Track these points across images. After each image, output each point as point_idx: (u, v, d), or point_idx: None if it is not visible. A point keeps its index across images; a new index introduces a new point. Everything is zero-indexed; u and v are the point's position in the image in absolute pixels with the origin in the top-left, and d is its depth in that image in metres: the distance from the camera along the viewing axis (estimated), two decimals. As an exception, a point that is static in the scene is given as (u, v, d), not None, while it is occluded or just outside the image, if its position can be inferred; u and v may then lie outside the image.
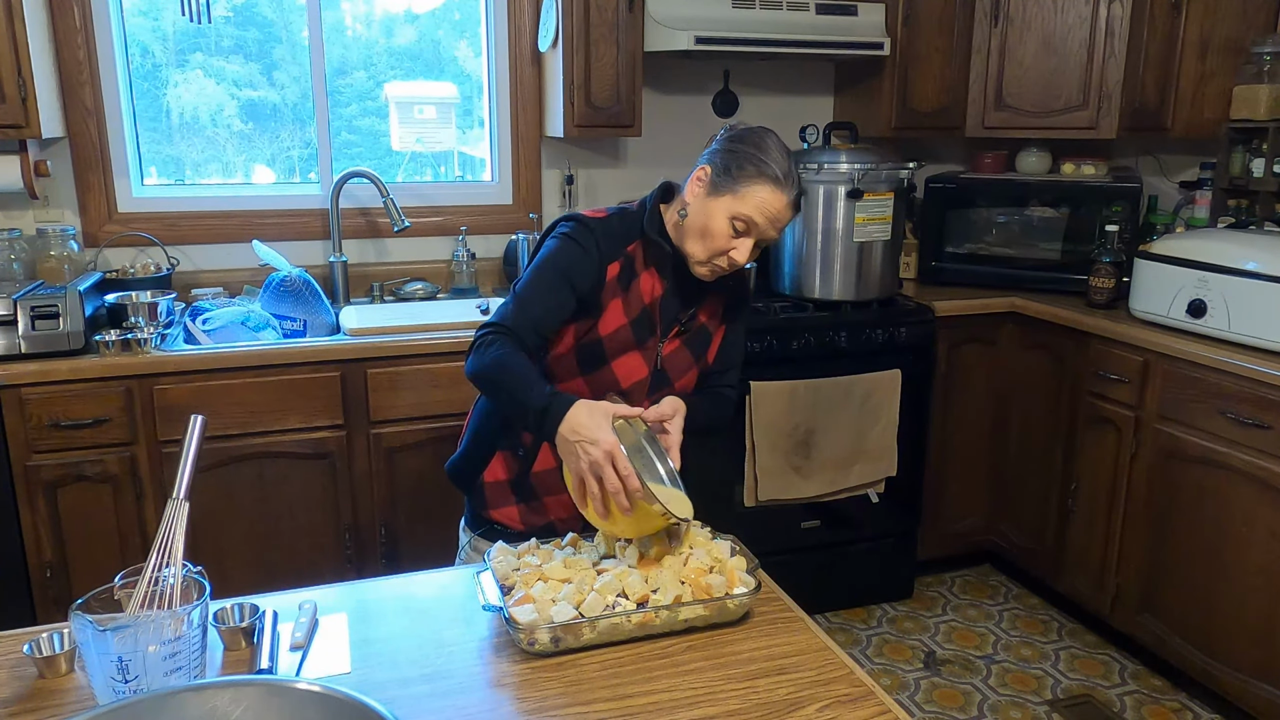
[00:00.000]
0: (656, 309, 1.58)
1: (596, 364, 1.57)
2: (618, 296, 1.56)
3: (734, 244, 1.50)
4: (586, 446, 1.31)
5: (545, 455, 1.63)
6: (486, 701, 1.12)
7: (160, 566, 1.10)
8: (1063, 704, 2.63)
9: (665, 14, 2.81)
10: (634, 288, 1.57)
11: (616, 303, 1.56)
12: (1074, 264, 3.14)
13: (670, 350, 1.62)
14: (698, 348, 1.65)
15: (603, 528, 1.37)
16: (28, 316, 2.26)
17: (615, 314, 1.56)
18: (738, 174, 1.48)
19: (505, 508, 1.67)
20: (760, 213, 1.48)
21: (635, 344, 1.58)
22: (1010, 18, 3.13)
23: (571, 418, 1.34)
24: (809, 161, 2.85)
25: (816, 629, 1.29)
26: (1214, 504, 2.48)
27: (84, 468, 2.31)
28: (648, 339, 1.59)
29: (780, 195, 1.48)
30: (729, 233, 1.49)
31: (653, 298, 1.58)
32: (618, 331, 1.56)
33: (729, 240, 1.50)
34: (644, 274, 1.58)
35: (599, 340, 1.56)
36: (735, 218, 1.48)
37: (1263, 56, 2.94)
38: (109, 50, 2.71)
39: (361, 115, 3.11)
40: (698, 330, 1.64)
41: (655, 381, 1.61)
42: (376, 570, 2.57)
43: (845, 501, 2.94)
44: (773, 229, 1.50)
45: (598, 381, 1.58)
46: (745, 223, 1.49)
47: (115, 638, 1.01)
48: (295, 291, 2.67)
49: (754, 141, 1.50)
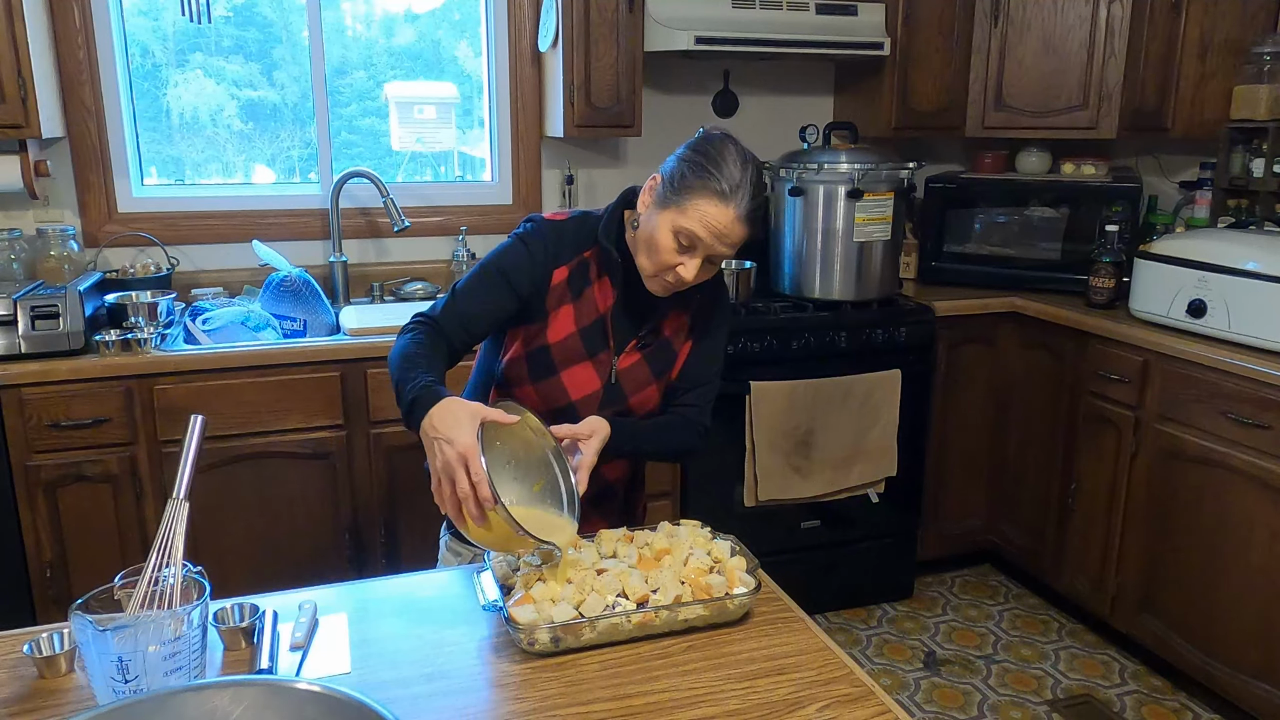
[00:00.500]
0: (609, 320, 1.52)
1: (545, 373, 1.52)
2: (567, 303, 1.51)
3: (679, 259, 1.41)
4: (442, 444, 1.23)
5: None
6: (486, 701, 1.12)
7: (160, 566, 1.10)
8: (1063, 704, 2.63)
9: (665, 14, 2.81)
10: (586, 295, 1.51)
11: (566, 309, 1.51)
12: (1074, 264, 3.14)
13: (628, 364, 1.55)
14: (659, 363, 1.57)
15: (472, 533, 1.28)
16: (28, 316, 2.26)
17: (565, 321, 1.51)
18: (681, 186, 1.40)
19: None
20: (704, 227, 1.38)
21: (586, 354, 1.52)
22: (1010, 18, 3.13)
23: (435, 412, 1.26)
24: (809, 161, 2.85)
25: (816, 629, 1.29)
26: (1214, 504, 2.48)
27: (84, 468, 2.31)
28: (599, 350, 1.52)
29: (726, 210, 1.38)
30: (673, 247, 1.41)
31: (605, 307, 1.52)
32: (566, 340, 1.51)
33: (674, 255, 1.41)
34: (596, 283, 1.52)
35: (546, 348, 1.51)
36: (679, 232, 1.40)
37: (1263, 56, 2.94)
38: (109, 50, 2.71)
39: (361, 115, 3.11)
40: (660, 344, 1.56)
41: (609, 396, 1.55)
42: (376, 570, 2.57)
43: (845, 501, 2.94)
44: (720, 244, 1.40)
45: (547, 391, 1.53)
46: (689, 237, 1.39)
47: (115, 638, 1.01)
48: (295, 291, 2.67)
49: (709, 151, 1.41)
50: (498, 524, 1.23)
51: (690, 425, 1.59)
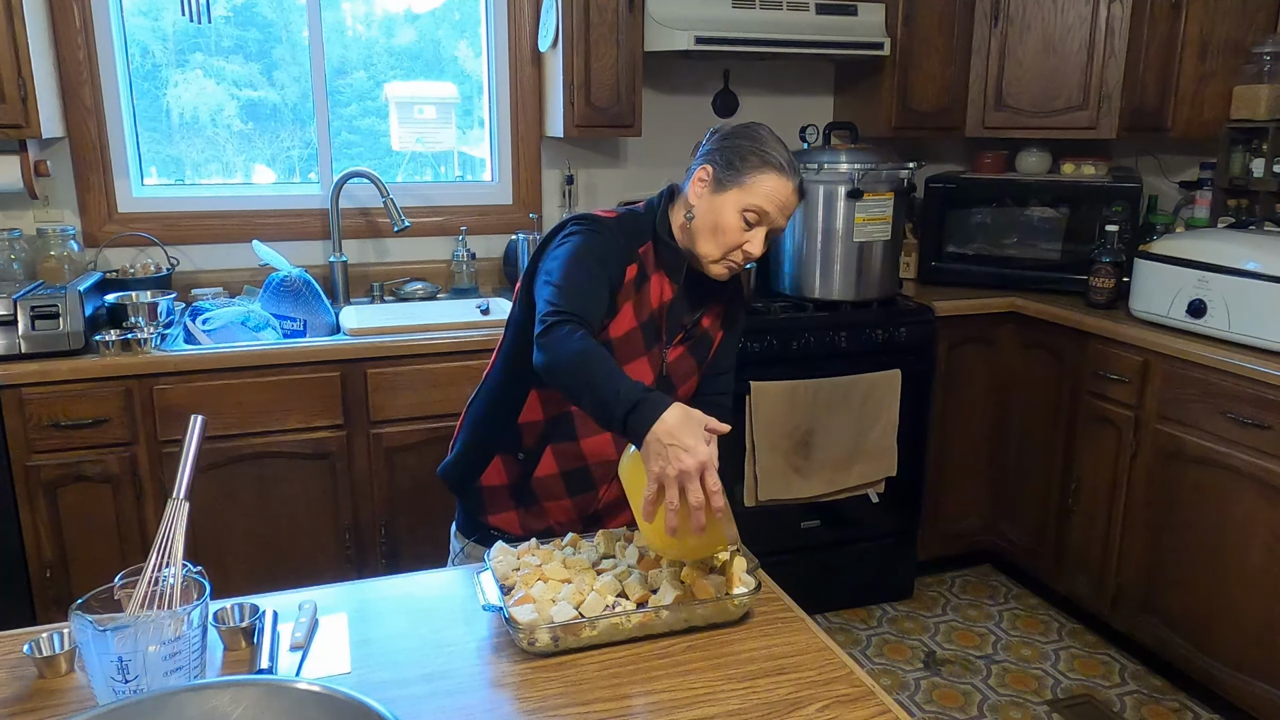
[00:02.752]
0: (664, 314, 1.57)
1: None
2: (630, 299, 1.54)
3: (747, 236, 1.50)
4: (680, 454, 1.21)
5: (548, 460, 1.61)
6: (486, 701, 1.12)
7: (160, 566, 1.10)
8: (1063, 704, 2.63)
9: (665, 14, 2.81)
10: (645, 291, 1.55)
11: (629, 305, 1.54)
12: (1074, 264, 3.14)
13: (675, 356, 1.60)
14: (700, 354, 1.63)
15: (655, 542, 1.27)
16: (28, 316, 2.26)
17: (627, 316, 1.54)
18: (742, 166, 1.49)
19: (503, 513, 1.66)
20: (770, 201, 1.49)
21: (643, 349, 1.56)
22: (1010, 18, 3.13)
23: (668, 419, 1.23)
24: (809, 161, 2.85)
25: (816, 629, 1.29)
26: (1214, 504, 2.48)
27: (84, 468, 2.31)
28: (654, 344, 1.57)
29: (786, 182, 1.49)
30: (741, 226, 1.49)
31: (661, 302, 1.56)
32: (628, 335, 1.54)
33: (741, 234, 1.50)
34: (654, 276, 1.56)
35: (609, 343, 1.53)
36: (746, 209, 1.49)
37: (1263, 56, 2.94)
38: (109, 50, 2.71)
39: (361, 115, 3.11)
40: (700, 336, 1.63)
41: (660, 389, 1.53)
42: (376, 570, 2.57)
43: (845, 501, 2.94)
44: (782, 216, 1.51)
45: None
46: (756, 213, 1.49)
47: (115, 638, 1.01)
48: (295, 291, 2.67)
49: (750, 135, 1.52)
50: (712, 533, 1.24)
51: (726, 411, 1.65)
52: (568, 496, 1.62)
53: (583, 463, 1.60)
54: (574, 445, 1.59)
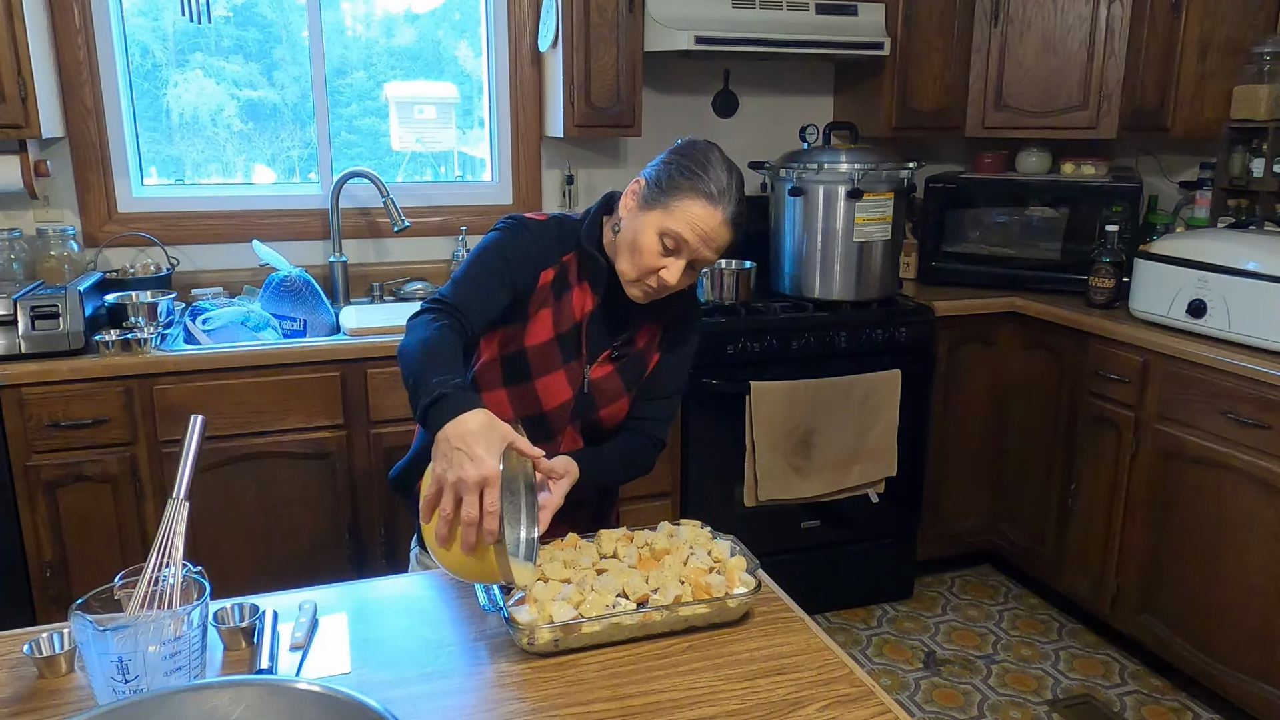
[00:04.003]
0: (585, 327, 1.48)
1: (521, 377, 1.48)
2: (548, 306, 1.47)
3: (664, 263, 1.39)
4: (464, 461, 1.13)
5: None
6: (486, 701, 1.12)
7: (160, 566, 1.10)
8: (1063, 704, 2.63)
9: (665, 14, 2.81)
10: (565, 300, 1.48)
11: (546, 313, 1.47)
12: (1074, 264, 3.14)
13: (601, 375, 1.51)
14: (631, 374, 1.54)
15: (430, 545, 1.21)
16: (28, 316, 2.26)
17: (543, 325, 1.47)
18: (668, 187, 1.38)
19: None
20: (690, 230, 1.37)
21: (560, 362, 1.48)
22: (1010, 18, 3.13)
23: (465, 421, 1.16)
24: (809, 161, 2.85)
25: (816, 629, 1.29)
26: (1214, 504, 2.48)
27: (84, 468, 2.31)
28: (572, 358, 1.49)
29: (714, 212, 1.37)
30: (658, 250, 1.38)
31: (583, 313, 1.48)
32: (544, 345, 1.47)
33: (658, 258, 1.39)
34: (576, 287, 1.48)
35: (523, 352, 1.47)
36: (664, 234, 1.37)
37: (1263, 56, 2.94)
38: (109, 50, 2.71)
39: (361, 115, 3.11)
40: (634, 357, 1.53)
41: (580, 406, 1.51)
42: (376, 570, 2.57)
43: (845, 501, 2.94)
44: (706, 248, 1.38)
45: (520, 397, 1.49)
46: (674, 240, 1.37)
47: (115, 638, 1.01)
48: (295, 291, 2.67)
49: (694, 155, 1.40)
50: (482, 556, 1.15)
51: (649, 444, 1.58)
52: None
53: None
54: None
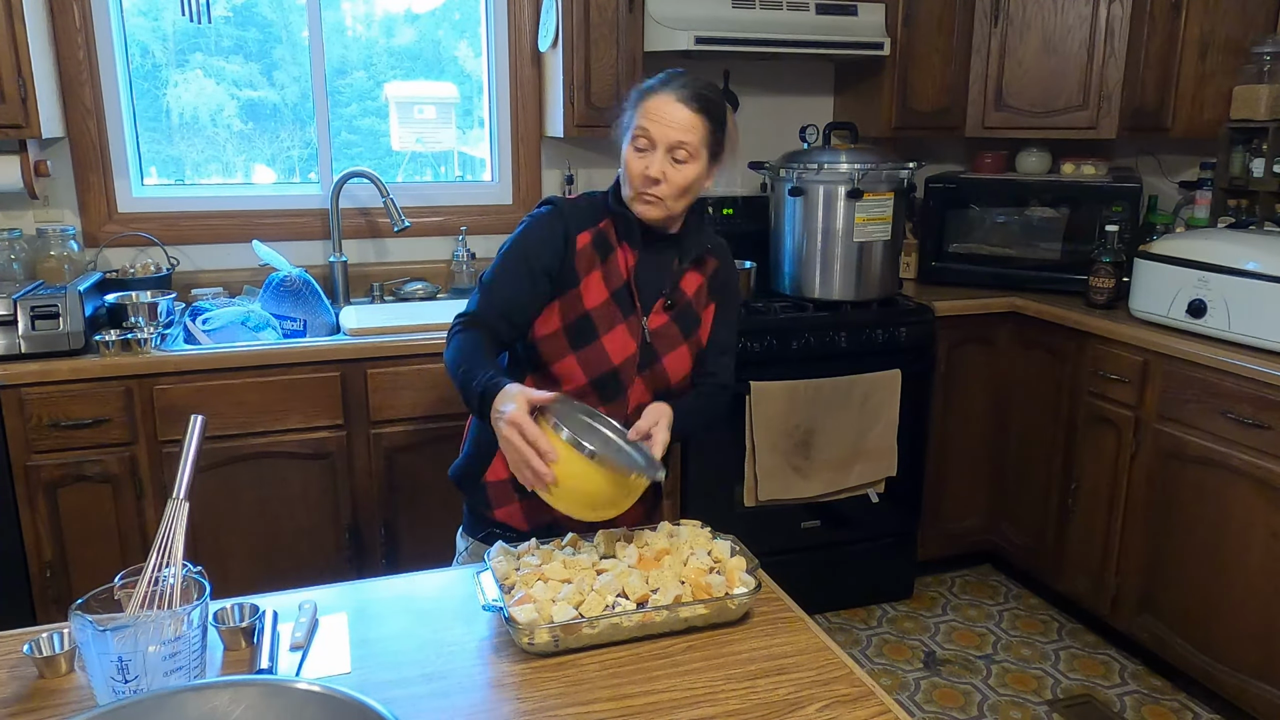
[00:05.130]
0: (633, 281, 1.60)
1: (587, 338, 1.57)
2: (596, 268, 1.59)
3: (644, 161, 1.53)
4: (500, 423, 1.33)
5: None
6: (486, 701, 1.12)
7: (160, 566, 1.10)
8: (1063, 704, 2.63)
9: (665, 14, 2.81)
10: (611, 261, 1.60)
11: (596, 275, 1.58)
12: (1074, 264, 3.14)
13: (658, 325, 1.62)
14: (686, 324, 1.64)
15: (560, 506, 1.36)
16: (28, 316, 2.26)
17: (596, 286, 1.58)
18: (628, 108, 1.58)
19: (508, 505, 1.66)
20: (646, 117, 1.52)
21: (621, 317, 1.59)
22: (1010, 18, 3.13)
23: (496, 399, 1.37)
24: (809, 161, 2.85)
25: (816, 629, 1.29)
26: (1214, 504, 2.48)
27: (84, 468, 2.31)
28: (630, 312, 1.60)
29: (663, 96, 1.53)
30: (635, 155, 1.54)
31: (628, 269, 1.60)
32: (603, 305, 1.58)
33: (638, 160, 1.54)
34: (618, 248, 1.61)
35: (586, 314, 1.57)
36: (634, 138, 1.54)
37: (1263, 56, 2.94)
38: (109, 50, 2.71)
39: (361, 115, 3.11)
40: (684, 306, 1.65)
41: (645, 357, 1.61)
42: (376, 570, 2.57)
43: (845, 501, 2.94)
44: (670, 130, 1.51)
45: (589, 358, 1.58)
46: (642, 134, 1.53)
47: (115, 638, 1.01)
48: (295, 291, 2.67)
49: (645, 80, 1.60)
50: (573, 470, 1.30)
51: (719, 389, 1.70)
52: None
53: None
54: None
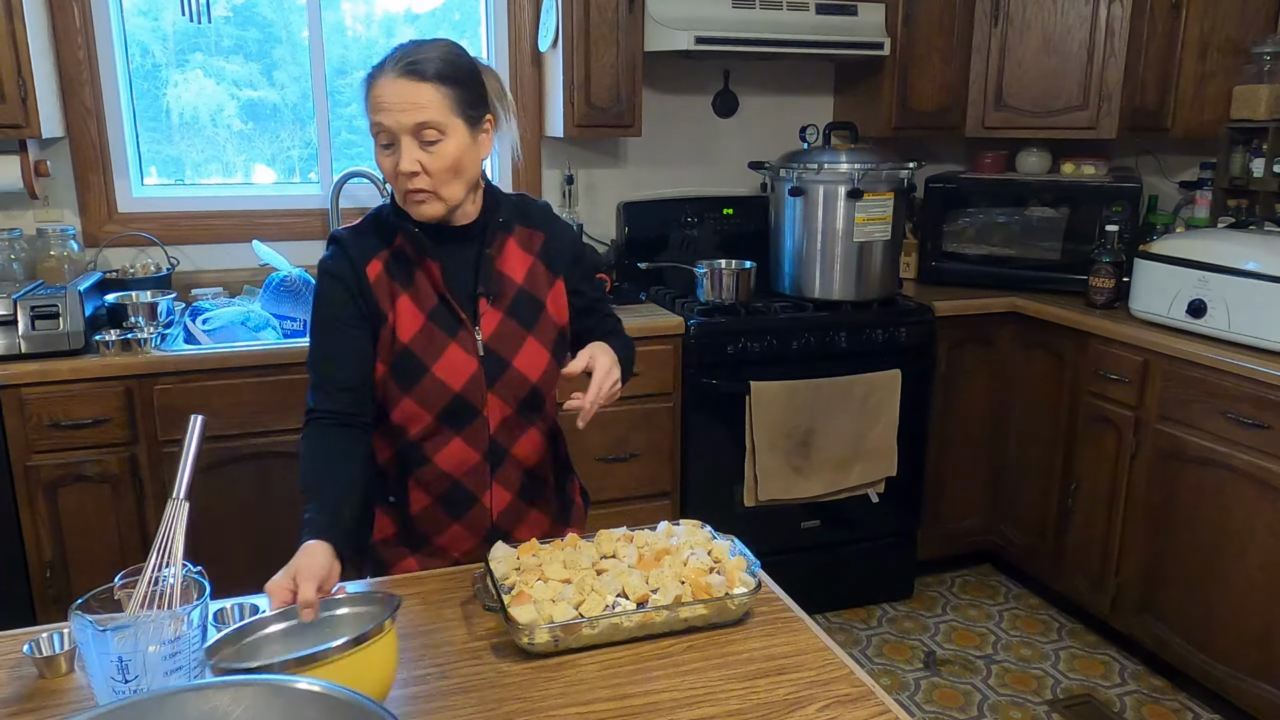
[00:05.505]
0: (448, 290, 1.42)
1: (415, 374, 1.41)
2: (401, 293, 1.41)
3: (393, 158, 1.33)
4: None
5: (416, 493, 1.49)
6: (486, 701, 1.12)
7: (160, 566, 1.10)
8: (1063, 704, 2.63)
9: (665, 14, 2.81)
10: (418, 279, 1.42)
11: (404, 300, 1.41)
12: (1074, 264, 3.14)
13: (492, 328, 1.44)
14: (525, 314, 1.47)
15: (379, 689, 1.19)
16: (28, 316, 2.26)
17: (409, 313, 1.41)
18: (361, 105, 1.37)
19: (402, 562, 1.53)
20: (376, 110, 1.32)
21: (446, 336, 1.41)
22: (1010, 18, 3.13)
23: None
24: (809, 161, 2.85)
25: (816, 629, 1.29)
26: (1214, 504, 2.48)
27: (84, 468, 2.31)
28: (457, 327, 1.42)
29: (382, 80, 1.32)
30: (384, 154, 1.35)
31: (437, 280, 1.42)
32: (421, 330, 1.41)
33: (387, 159, 1.34)
34: (419, 267, 1.42)
35: (405, 348, 1.41)
36: (375, 135, 1.35)
37: (1263, 56, 2.94)
38: (109, 50, 2.71)
39: (362, 115, 3.10)
40: (517, 294, 1.46)
41: (489, 368, 1.44)
42: (376, 570, 2.56)
43: (845, 501, 2.94)
44: (402, 114, 1.30)
45: (425, 394, 1.42)
46: (380, 130, 1.33)
47: (115, 638, 1.01)
48: (295, 291, 2.67)
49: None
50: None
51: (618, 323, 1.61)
52: (455, 521, 1.51)
53: (450, 480, 1.48)
54: (430, 467, 1.47)
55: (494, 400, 1.46)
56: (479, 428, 1.46)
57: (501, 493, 1.51)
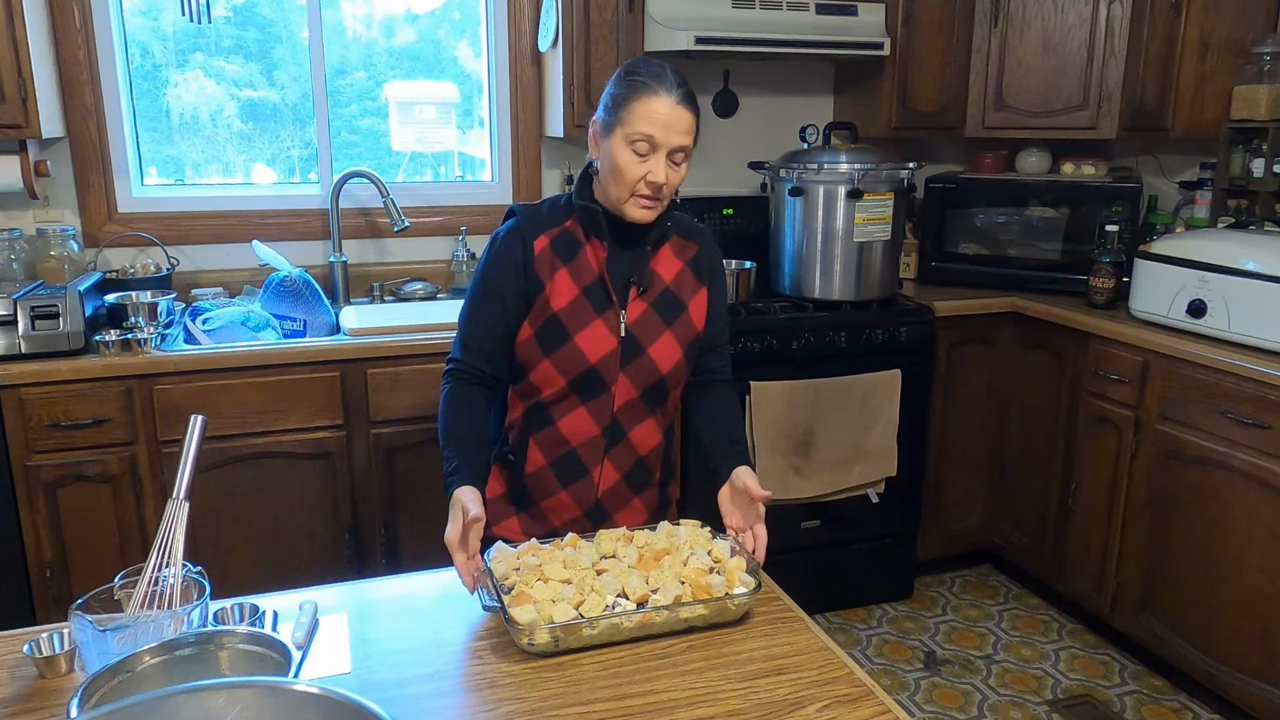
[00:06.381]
0: (606, 273, 1.55)
1: (559, 340, 1.53)
2: (560, 268, 1.54)
3: (645, 167, 1.47)
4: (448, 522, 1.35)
5: (534, 454, 1.61)
6: (487, 701, 1.12)
7: (160, 566, 1.10)
8: (1063, 704, 2.63)
9: (665, 14, 2.81)
10: (580, 258, 1.55)
11: (562, 274, 1.54)
12: (1074, 264, 3.14)
13: (636, 315, 1.56)
14: (668, 312, 1.59)
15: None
16: (28, 316, 2.26)
17: (564, 285, 1.54)
18: (616, 104, 1.48)
19: (505, 520, 1.65)
20: (650, 123, 1.45)
21: (594, 312, 1.54)
22: (1010, 18, 3.13)
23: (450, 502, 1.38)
24: (809, 161, 2.85)
25: (816, 629, 1.29)
26: (1214, 504, 2.48)
27: (84, 468, 2.31)
28: (605, 308, 1.55)
29: (663, 98, 1.45)
30: (634, 159, 1.47)
31: (600, 264, 1.55)
32: (572, 302, 1.53)
33: (639, 165, 1.47)
34: (587, 245, 1.56)
35: (555, 316, 1.53)
36: (633, 141, 1.46)
37: (1263, 56, 2.93)
38: (109, 50, 2.71)
39: (361, 115, 3.11)
40: (664, 294, 1.59)
41: (626, 350, 1.56)
42: (376, 570, 2.57)
43: (845, 501, 2.94)
44: (673, 134, 1.46)
45: (564, 360, 1.54)
46: (643, 140, 1.46)
47: (115, 638, 1.01)
48: (295, 291, 2.67)
49: (626, 69, 1.51)
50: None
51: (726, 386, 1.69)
52: (563, 488, 1.61)
53: (567, 447, 1.59)
54: (553, 430, 1.59)
55: (623, 380, 1.57)
56: (604, 403, 1.57)
57: (611, 471, 1.62)
